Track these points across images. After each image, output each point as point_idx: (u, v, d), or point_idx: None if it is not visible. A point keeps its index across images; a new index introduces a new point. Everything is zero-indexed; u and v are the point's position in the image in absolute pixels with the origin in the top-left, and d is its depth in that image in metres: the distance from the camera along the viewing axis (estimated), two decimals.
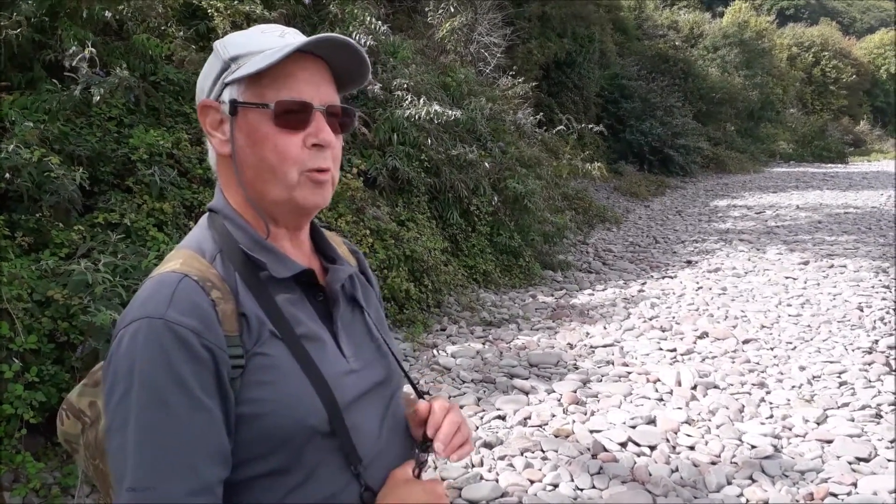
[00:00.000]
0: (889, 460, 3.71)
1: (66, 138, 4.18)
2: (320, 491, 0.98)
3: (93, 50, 4.24)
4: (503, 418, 4.20)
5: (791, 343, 5.56)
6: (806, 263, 8.38)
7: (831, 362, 5.08)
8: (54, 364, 3.29)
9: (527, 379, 4.76)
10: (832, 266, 8.22)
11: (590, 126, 11.42)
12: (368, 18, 7.13)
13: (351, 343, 1.08)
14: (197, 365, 0.89)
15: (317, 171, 1.02)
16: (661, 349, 5.42)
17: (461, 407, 4.29)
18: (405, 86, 7.04)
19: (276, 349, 0.97)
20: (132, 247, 3.86)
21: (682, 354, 5.30)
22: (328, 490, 0.99)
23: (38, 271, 3.41)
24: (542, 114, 11.03)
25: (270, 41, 1.02)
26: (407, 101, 6.82)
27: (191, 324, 0.90)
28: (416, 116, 6.69)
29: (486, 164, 7.58)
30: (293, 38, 1.03)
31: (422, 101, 6.81)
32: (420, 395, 1.16)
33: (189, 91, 5.01)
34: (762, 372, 4.95)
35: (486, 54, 10.86)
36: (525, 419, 4.17)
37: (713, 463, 3.71)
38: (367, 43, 6.87)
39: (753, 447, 3.86)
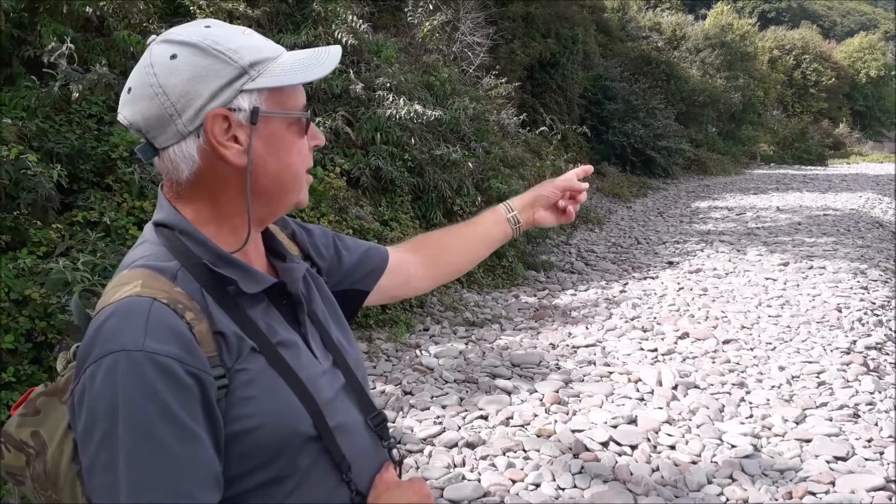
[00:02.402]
0: (867, 459, 3.76)
1: (45, 135, 4.14)
2: (312, 494, 0.99)
3: (72, 46, 4.19)
4: (485, 418, 4.20)
5: (771, 343, 5.61)
6: (786, 265, 8.46)
7: (810, 362, 5.13)
8: (32, 364, 3.26)
9: (509, 379, 4.77)
10: (811, 267, 8.30)
11: (573, 127, 11.46)
12: (350, 17, 7.11)
13: (317, 342, 1.09)
14: (183, 394, 0.87)
15: (308, 170, 1.08)
16: (642, 349, 5.45)
17: (443, 407, 4.30)
18: (388, 85, 7.02)
19: (257, 363, 0.96)
20: (112, 245, 3.83)
21: (663, 354, 5.33)
22: (320, 492, 1.00)
23: (16, 270, 3.37)
24: (525, 114, 11.05)
25: (260, 41, 1.01)
26: (389, 101, 6.81)
27: (173, 352, 0.87)
28: (398, 116, 6.68)
29: (470, 164, 7.58)
30: (264, 38, 1.03)
31: (402, 100, 6.80)
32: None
33: None
34: (742, 372, 4.99)
35: (469, 54, 10.86)
36: (507, 419, 4.18)
37: (694, 462, 3.73)
38: (349, 42, 6.84)
39: (733, 446, 3.89)
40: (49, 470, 0.99)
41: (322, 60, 1.02)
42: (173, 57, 0.96)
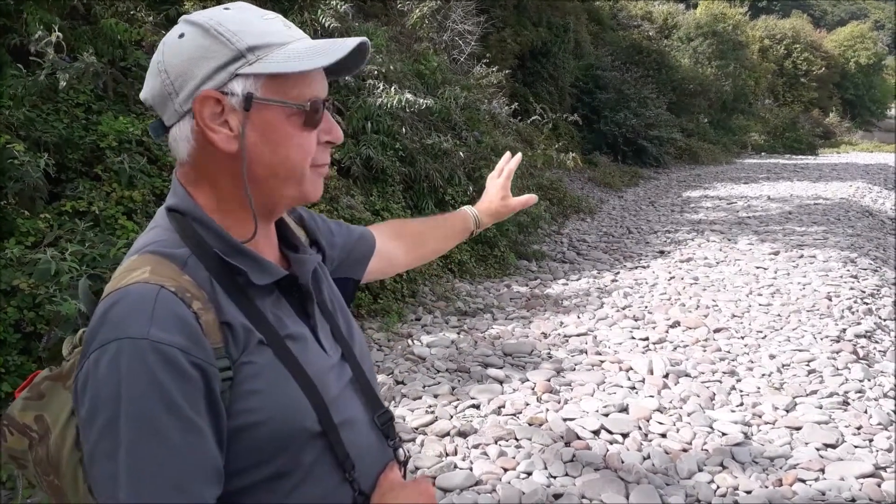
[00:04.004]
0: (856, 446, 3.78)
1: (32, 124, 4.10)
2: (314, 491, 0.98)
3: (59, 34, 4.14)
4: (477, 407, 4.20)
5: (761, 332, 5.63)
6: (776, 254, 8.49)
7: (800, 351, 5.15)
8: (21, 354, 3.25)
9: (501, 368, 4.77)
10: (802, 256, 8.33)
11: (565, 116, 11.44)
12: (335, 2, 7.04)
13: (326, 334, 1.08)
14: (187, 385, 0.85)
15: (321, 166, 1.03)
16: (633, 338, 5.46)
17: (435, 396, 4.30)
18: (376, 73, 6.97)
19: (263, 356, 0.95)
20: (101, 235, 3.80)
21: (654, 343, 5.34)
22: (322, 490, 0.98)
23: (3, 260, 3.34)
24: (517, 104, 11.01)
25: (277, 28, 0.98)
26: (379, 89, 6.77)
27: (178, 341, 0.86)
28: (388, 105, 6.64)
29: (461, 154, 7.56)
30: (294, 29, 1.00)
31: (393, 89, 6.76)
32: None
33: None
34: (733, 360, 5.01)
35: (460, 42, 10.81)
36: (499, 408, 4.18)
37: (684, 450, 3.75)
38: (333, 26, 6.80)
39: (724, 434, 3.90)
40: (51, 455, 0.98)
41: (331, 50, 0.97)
42: (181, 36, 0.96)
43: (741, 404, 4.32)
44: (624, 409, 4.19)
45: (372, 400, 1.10)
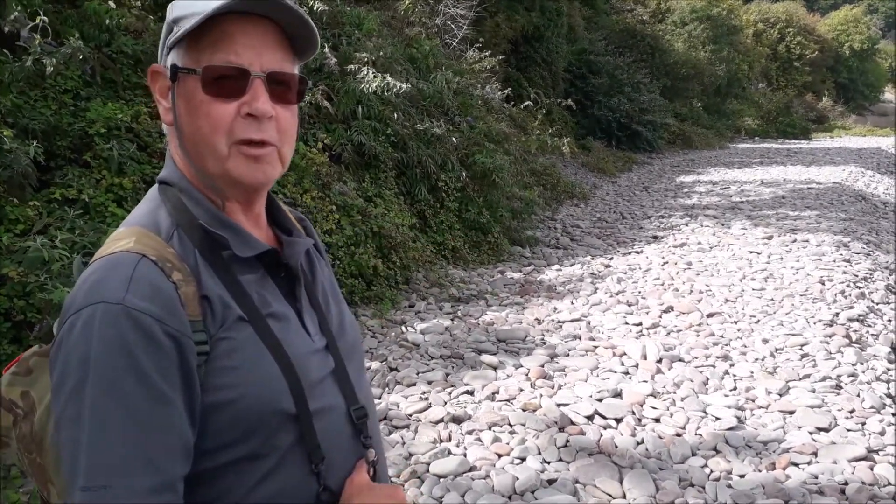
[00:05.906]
0: (849, 430, 3.80)
1: (20, 111, 4.05)
2: (285, 478, 0.95)
3: (45, 18, 4.08)
4: (471, 393, 4.20)
5: (754, 316, 5.64)
6: (769, 238, 8.49)
7: (793, 335, 5.16)
8: (11, 343, 3.23)
9: (495, 354, 4.77)
10: (795, 241, 8.34)
11: (558, 101, 11.40)
12: None
13: (313, 321, 1.05)
14: (159, 354, 0.84)
15: (248, 144, 0.96)
16: (627, 323, 5.46)
17: (429, 383, 4.29)
18: (365, 59, 6.91)
19: (243, 332, 0.93)
20: (91, 223, 3.77)
21: (647, 328, 5.35)
22: (291, 479, 0.96)
23: None
24: (510, 89, 10.97)
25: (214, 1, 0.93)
26: (362, 74, 6.71)
27: (152, 310, 0.84)
28: (368, 89, 6.58)
29: (454, 139, 7.52)
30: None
31: (372, 73, 6.69)
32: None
33: (148, 63, 4.87)
34: (726, 345, 5.01)
35: (452, 27, 10.75)
36: (493, 394, 4.18)
37: (678, 435, 3.75)
38: (320, 9, 6.73)
39: (717, 419, 3.91)
40: (35, 432, 0.97)
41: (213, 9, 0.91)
42: None
43: (734, 389, 4.33)
44: (618, 395, 4.19)
45: (349, 395, 1.06)
